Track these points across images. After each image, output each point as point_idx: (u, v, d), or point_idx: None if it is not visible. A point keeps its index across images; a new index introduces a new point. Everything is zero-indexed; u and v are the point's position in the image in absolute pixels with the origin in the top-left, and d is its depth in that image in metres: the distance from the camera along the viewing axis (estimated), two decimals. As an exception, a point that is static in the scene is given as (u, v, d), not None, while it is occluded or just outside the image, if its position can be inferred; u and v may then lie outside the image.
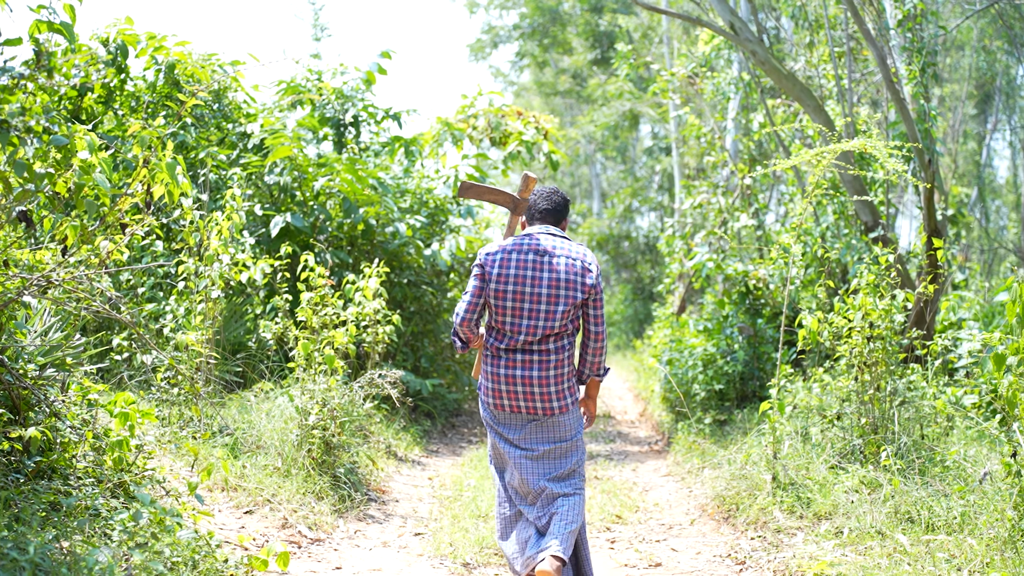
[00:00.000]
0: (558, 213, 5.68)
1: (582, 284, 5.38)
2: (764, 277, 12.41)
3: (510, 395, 5.43)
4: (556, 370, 5.43)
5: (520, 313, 5.36)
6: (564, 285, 5.36)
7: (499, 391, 5.46)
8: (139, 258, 9.45)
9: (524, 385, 5.39)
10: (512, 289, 5.35)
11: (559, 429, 5.54)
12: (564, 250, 5.45)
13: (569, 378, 5.50)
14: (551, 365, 5.42)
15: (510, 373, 5.40)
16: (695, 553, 6.90)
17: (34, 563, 4.05)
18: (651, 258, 30.27)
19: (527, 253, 5.43)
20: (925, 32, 10.46)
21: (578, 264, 5.42)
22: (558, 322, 5.36)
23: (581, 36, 30.80)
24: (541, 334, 5.34)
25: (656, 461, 10.75)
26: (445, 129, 13.88)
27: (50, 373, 5.82)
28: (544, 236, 5.52)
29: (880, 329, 7.50)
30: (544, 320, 5.35)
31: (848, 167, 9.61)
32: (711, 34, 16.00)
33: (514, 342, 5.36)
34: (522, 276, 5.38)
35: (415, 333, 12.64)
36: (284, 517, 6.69)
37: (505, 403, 5.47)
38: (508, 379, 5.41)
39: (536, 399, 5.42)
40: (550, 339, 5.41)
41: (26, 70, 4.32)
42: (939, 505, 6.28)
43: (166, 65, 11.05)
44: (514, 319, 5.37)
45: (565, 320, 5.39)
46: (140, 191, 5.02)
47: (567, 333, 5.47)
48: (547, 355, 5.40)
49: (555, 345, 5.43)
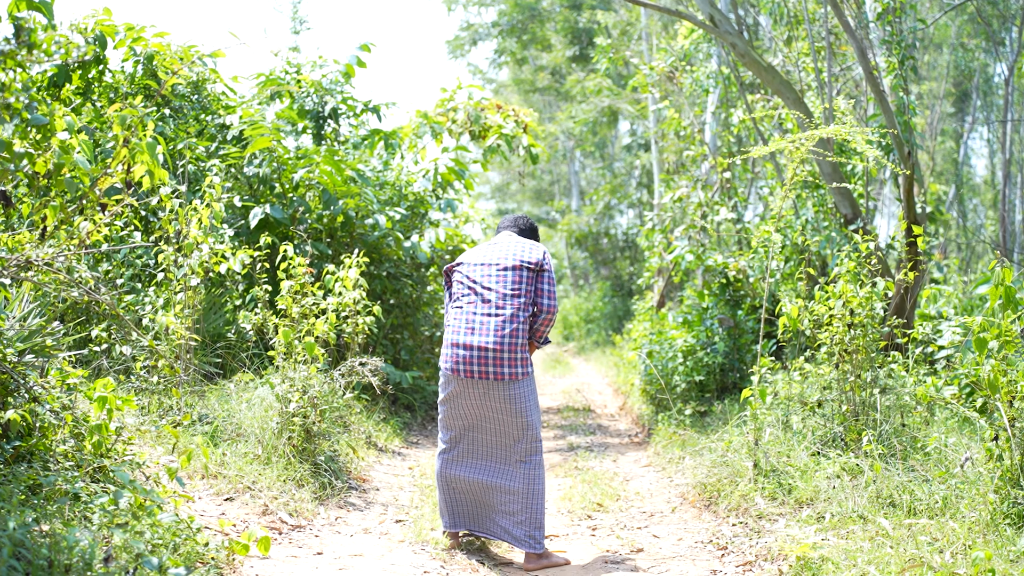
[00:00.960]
0: (523, 232, 6.74)
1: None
2: (744, 269, 12.43)
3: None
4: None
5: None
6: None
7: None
8: (117, 249, 9.40)
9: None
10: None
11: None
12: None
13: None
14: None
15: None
16: (677, 539, 6.90)
17: (14, 540, 4.01)
18: (630, 255, 30.29)
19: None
20: (904, 26, 10.48)
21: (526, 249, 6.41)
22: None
23: (560, 33, 30.80)
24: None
25: (636, 452, 10.75)
26: (424, 122, 13.83)
27: (29, 359, 5.77)
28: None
29: (861, 317, 7.51)
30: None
31: (826, 154, 9.63)
32: (690, 28, 16.01)
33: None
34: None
35: (394, 326, 12.61)
36: (265, 504, 6.65)
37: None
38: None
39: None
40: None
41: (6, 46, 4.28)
42: (921, 490, 6.29)
43: (145, 56, 10.98)
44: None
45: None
46: (120, 171, 4.99)
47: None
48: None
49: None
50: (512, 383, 6.15)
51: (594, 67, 26.71)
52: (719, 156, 15.04)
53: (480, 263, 6.38)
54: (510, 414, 6.23)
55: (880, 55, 10.88)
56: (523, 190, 40.88)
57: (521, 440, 6.29)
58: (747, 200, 15.86)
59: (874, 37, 11.42)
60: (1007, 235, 19.47)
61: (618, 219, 33.01)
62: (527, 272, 6.27)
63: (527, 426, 6.26)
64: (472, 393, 6.23)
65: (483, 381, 6.15)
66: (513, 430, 6.28)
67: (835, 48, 14.02)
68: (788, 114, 11.58)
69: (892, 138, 9.72)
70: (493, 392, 6.14)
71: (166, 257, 8.18)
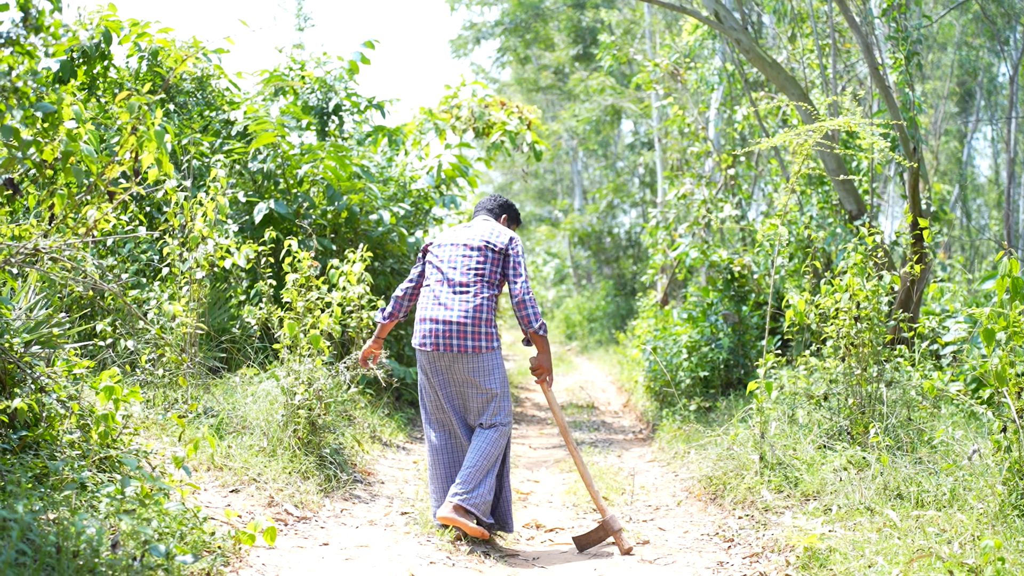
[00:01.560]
0: (493, 212, 6.99)
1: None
2: (749, 264, 12.41)
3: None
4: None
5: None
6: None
7: None
8: (123, 243, 9.40)
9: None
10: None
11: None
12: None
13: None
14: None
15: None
16: (683, 532, 6.89)
17: (22, 524, 4.00)
18: (633, 254, 30.25)
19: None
20: (909, 22, 10.46)
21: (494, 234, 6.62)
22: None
23: (563, 32, 30.77)
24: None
25: (641, 448, 10.74)
26: (428, 119, 13.81)
27: (35, 350, 5.77)
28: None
29: (867, 310, 7.50)
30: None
31: (832, 145, 9.63)
32: (695, 25, 16.01)
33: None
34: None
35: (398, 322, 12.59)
36: (270, 496, 6.65)
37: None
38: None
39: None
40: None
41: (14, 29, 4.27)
42: (928, 482, 6.28)
43: (149, 52, 10.99)
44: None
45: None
46: (128, 160, 4.98)
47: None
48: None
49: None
50: (475, 355, 6.37)
51: (598, 65, 26.68)
52: (723, 153, 15.03)
53: (451, 243, 6.65)
54: (474, 386, 6.42)
55: (885, 51, 10.88)
56: (526, 189, 40.83)
57: (485, 412, 6.44)
58: (751, 197, 15.83)
59: (879, 34, 11.41)
60: (1011, 234, 19.47)
61: (621, 218, 32.99)
62: (492, 254, 6.52)
63: (492, 396, 6.42)
64: (439, 368, 6.44)
65: (448, 354, 6.36)
66: (477, 403, 6.45)
67: (839, 46, 14.01)
68: (793, 110, 11.58)
69: (898, 133, 9.71)
70: (457, 365, 6.37)
71: (171, 251, 8.17)
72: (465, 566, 5.90)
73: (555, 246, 38.72)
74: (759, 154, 15.80)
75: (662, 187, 20.45)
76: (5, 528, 3.99)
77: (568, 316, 29.53)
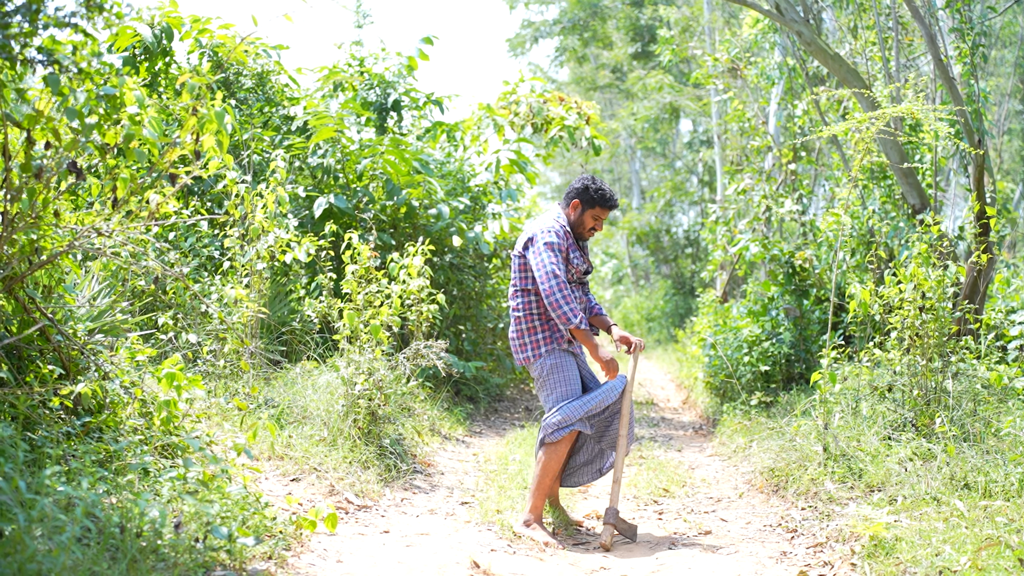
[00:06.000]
0: (562, 201, 6.56)
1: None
2: (811, 258, 12.28)
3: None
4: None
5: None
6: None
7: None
8: (184, 238, 9.46)
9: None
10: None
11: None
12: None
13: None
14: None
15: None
16: (745, 523, 6.82)
17: (87, 502, 4.03)
18: (692, 253, 30.09)
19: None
20: (974, 13, 10.31)
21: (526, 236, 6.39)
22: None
23: (621, 30, 30.66)
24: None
25: (701, 442, 10.67)
26: (487, 115, 13.80)
27: (99, 338, 5.82)
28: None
29: (932, 300, 7.39)
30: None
31: (896, 132, 9.51)
32: (755, 18, 15.88)
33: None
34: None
35: (457, 316, 12.59)
36: (331, 484, 6.67)
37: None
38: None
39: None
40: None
41: (80, 8, 4.30)
42: (996, 472, 6.18)
43: (210, 48, 11.07)
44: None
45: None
46: (189, 142, 5.00)
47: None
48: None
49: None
50: (526, 367, 6.46)
51: (656, 63, 26.58)
52: (783, 148, 14.90)
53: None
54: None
55: (949, 43, 10.73)
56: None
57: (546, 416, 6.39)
58: (812, 192, 15.68)
59: (943, 26, 11.25)
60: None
61: (679, 217, 32.84)
62: (519, 260, 6.41)
63: (546, 403, 6.39)
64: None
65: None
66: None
67: (901, 39, 13.85)
68: (855, 103, 11.45)
69: (961, 125, 9.57)
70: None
71: (232, 243, 8.22)
72: (526, 553, 5.88)
73: (613, 246, 38.63)
74: (820, 150, 15.64)
75: (721, 183, 20.31)
76: (70, 505, 4.02)
77: (626, 315, 29.43)
